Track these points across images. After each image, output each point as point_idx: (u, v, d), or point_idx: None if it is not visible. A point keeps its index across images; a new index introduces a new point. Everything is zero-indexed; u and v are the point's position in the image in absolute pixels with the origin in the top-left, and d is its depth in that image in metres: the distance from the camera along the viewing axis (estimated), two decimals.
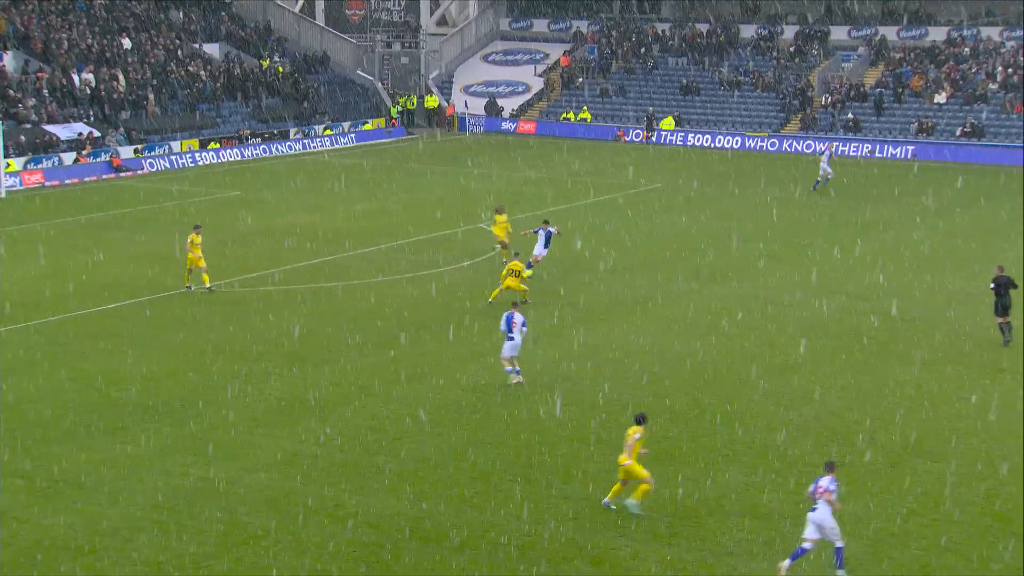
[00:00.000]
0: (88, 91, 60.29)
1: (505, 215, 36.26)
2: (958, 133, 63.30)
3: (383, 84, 76.32)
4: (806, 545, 17.14)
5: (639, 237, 41.37)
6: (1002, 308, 27.98)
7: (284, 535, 18.45)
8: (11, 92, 57.07)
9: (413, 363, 27.04)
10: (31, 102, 57.03)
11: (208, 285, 33.10)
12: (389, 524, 18.89)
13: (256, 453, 21.77)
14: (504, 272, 31.65)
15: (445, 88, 77.42)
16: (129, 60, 64.39)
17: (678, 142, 67.99)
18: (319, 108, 69.65)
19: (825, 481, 17.36)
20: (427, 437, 22.61)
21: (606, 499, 19.35)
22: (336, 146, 67.02)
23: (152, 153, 58.91)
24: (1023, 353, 27.77)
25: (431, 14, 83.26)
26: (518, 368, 25.52)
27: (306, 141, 65.97)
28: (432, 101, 75.51)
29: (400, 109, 73.48)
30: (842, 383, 25.86)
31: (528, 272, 32.71)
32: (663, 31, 77.64)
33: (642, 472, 18.97)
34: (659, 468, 20.58)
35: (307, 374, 26.34)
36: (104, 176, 55.50)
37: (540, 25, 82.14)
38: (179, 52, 67.56)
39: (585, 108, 72.14)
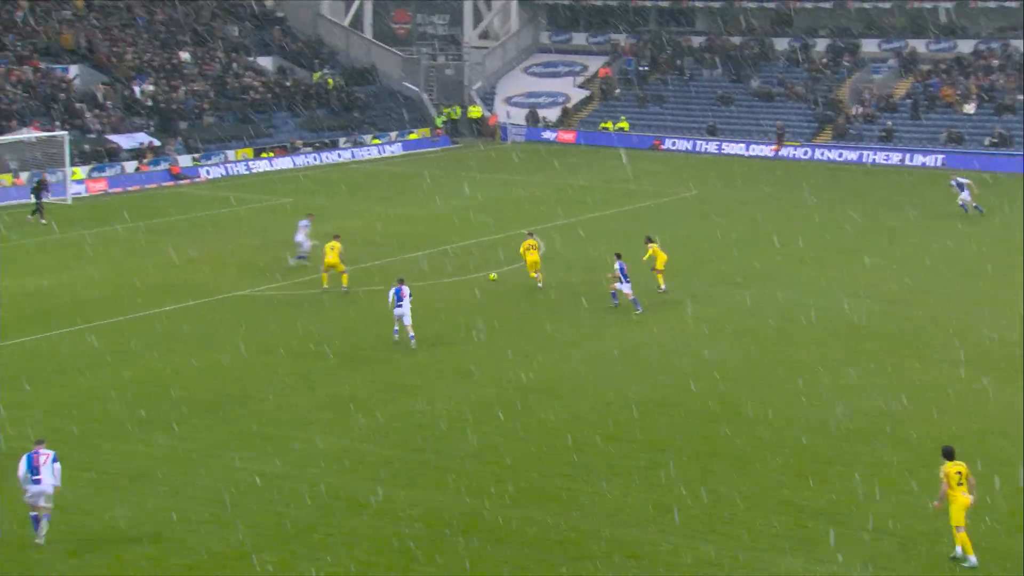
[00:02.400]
0: (149, 102, 63.22)
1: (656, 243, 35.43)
2: (987, 143, 64.87)
3: (428, 95, 78.71)
4: None
5: (674, 241, 42.45)
6: None
7: (336, 528, 19.24)
8: (77, 103, 60.06)
9: (457, 362, 28.38)
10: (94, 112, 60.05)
11: (344, 286, 35.12)
12: (437, 519, 19.64)
13: (307, 449, 22.74)
14: (524, 249, 35.30)
15: (488, 99, 79.76)
16: (187, 72, 67.30)
17: (712, 151, 70.00)
18: (367, 118, 72.24)
19: None
20: (469, 434, 23.54)
21: (960, 550, 18.21)
22: (383, 155, 69.38)
23: (209, 161, 61.51)
24: None
25: (474, 27, 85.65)
26: (406, 333, 29.24)
27: (355, 150, 68.50)
28: (476, 111, 77.82)
29: (445, 119, 75.81)
30: (871, 383, 26.83)
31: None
32: (698, 43, 79.77)
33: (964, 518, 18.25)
34: (694, 465, 22.05)
35: (355, 372, 27.56)
36: (164, 183, 57.92)
37: (579, 38, 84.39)
38: (234, 65, 70.41)
39: (623, 118, 74.29)
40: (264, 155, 64.14)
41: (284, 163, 64.22)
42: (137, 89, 63.51)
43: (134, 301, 34.03)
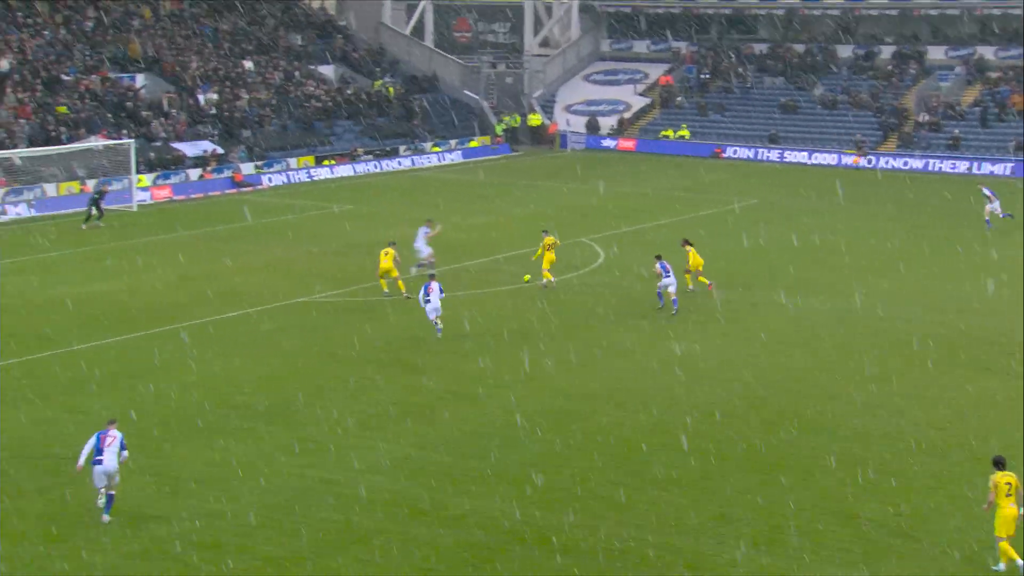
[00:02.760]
0: (212, 110, 64.00)
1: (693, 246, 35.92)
2: None
3: (488, 103, 78.91)
4: None
5: (734, 251, 42.66)
6: None
7: (394, 534, 19.32)
8: (143, 112, 60.95)
9: (514, 370, 28.40)
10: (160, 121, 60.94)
11: (404, 292, 35.36)
12: (494, 526, 19.69)
13: (367, 455, 22.84)
14: (541, 251, 36.30)
15: (548, 107, 79.76)
16: (250, 81, 68.05)
17: (774, 159, 69.42)
18: (427, 126, 72.56)
19: None
20: (529, 442, 23.61)
21: (1004, 566, 17.99)
22: (443, 162, 69.63)
23: (271, 169, 62.17)
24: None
25: (535, 35, 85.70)
26: (440, 326, 30.70)
27: (415, 158, 68.84)
28: (535, 119, 77.86)
29: (504, 127, 75.94)
30: (936, 395, 26.51)
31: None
32: (760, 51, 79.15)
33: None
34: (755, 476, 21.83)
35: (413, 380, 27.59)
36: (227, 191, 58.53)
37: (640, 46, 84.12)
38: (296, 73, 71.07)
39: (684, 126, 73.90)
40: (325, 163, 64.65)
41: (345, 171, 64.65)
42: (201, 98, 64.33)
43: (197, 307, 34.39)
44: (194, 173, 59.05)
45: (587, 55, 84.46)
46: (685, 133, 73.40)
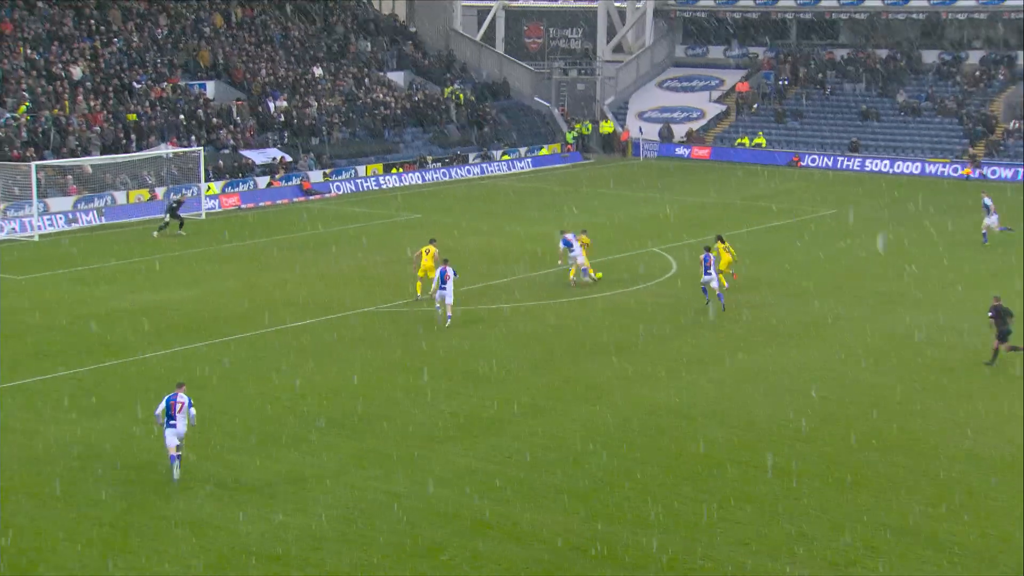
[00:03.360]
0: (281, 118, 63.77)
1: (725, 243, 36.56)
2: None
3: (559, 110, 77.92)
4: None
5: (813, 261, 41.62)
6: (1002, 335, 28.80)
7: (461, 550, 19.04)
8: (212, 119, 60.88)
9: (586, 383, 27.80)
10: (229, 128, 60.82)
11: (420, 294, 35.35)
12: (563, 543, 19.32)
13: (434, 468, 22.52)
14: (583, 243, 37.49)
15: (620, 114, 78.54)
16: (319, 88, 67.76)
17: (854, 168, 67.50)
18: (497, 134, 71.72)
19: None
20: (598, 456, 23.13)
21: None
22: (513, 171, 68.85)
23: (339, 177, 61.73)
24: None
25: (607, 41, 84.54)
26: (450, 314, 31.96)
27: (484, 165, 68.06)
28: (607, 127, 76.70)
29: (575, 135, 74.86)
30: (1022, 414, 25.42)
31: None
32: (841, 57, 77.15)
33: None
34: (833, 495, 20.96)
35: (482, 392, 27.13)
36: (295, 199, 58.28)
37: (716, 52, 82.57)
38: (366, 80, 70.68)
39: (760, 133, 72.23)
40: (394, 170, 64.11)
41: (413, 178, 64.10)
42: (271, 105, 64.13)
43: (263, 316, 34.03)
44: (262, 181, 58.80)
45: (661, 61, 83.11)
46: (761, 141, 71.75)
